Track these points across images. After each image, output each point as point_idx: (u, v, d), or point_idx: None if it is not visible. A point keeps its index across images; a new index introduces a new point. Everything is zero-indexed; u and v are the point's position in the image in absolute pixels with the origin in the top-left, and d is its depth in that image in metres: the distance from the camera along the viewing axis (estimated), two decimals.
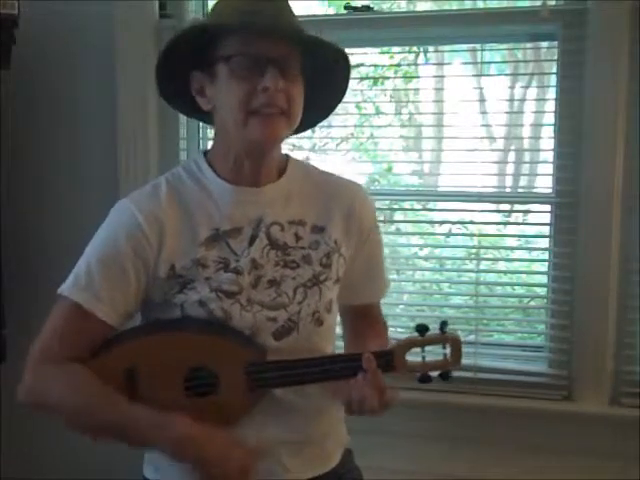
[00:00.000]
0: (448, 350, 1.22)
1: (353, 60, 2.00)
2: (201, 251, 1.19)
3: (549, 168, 1.94)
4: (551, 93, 1.94)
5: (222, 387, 1.17)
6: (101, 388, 1.15)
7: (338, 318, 1.36)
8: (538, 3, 1.83)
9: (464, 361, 1.24)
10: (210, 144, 1.36)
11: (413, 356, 1.21)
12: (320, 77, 1.23)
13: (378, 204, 2.15)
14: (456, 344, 1.23)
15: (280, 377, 1.17)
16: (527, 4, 2.07)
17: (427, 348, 1.23)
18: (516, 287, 2.18)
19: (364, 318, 1.37)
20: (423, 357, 1.21)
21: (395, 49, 2.13)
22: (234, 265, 1.20)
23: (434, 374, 1.22)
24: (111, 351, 1.18)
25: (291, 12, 1.22)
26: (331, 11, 2.20)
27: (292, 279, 1.22)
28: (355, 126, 2.12)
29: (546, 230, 1.97)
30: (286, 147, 1.93)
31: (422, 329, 1.21)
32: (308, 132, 2.04)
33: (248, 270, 1.20)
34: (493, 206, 2.04)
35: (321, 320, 1.23)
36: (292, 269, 1.22)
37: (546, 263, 1.98)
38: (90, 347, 1.18)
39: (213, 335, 1.18)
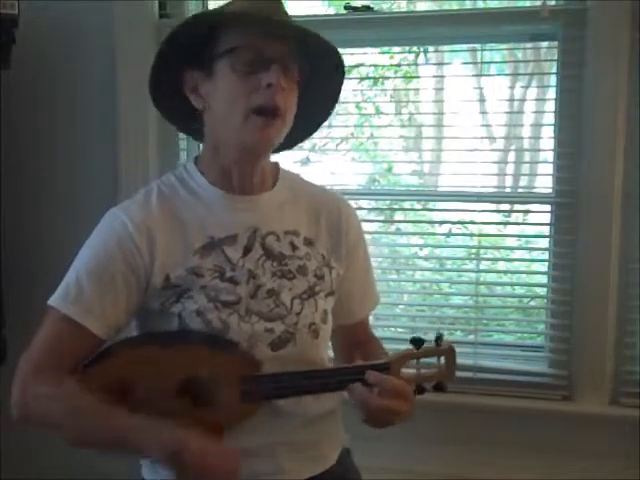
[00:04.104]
0: (443, 362, 1.23)
1: (353, 60, 2.02)
2: (195, 260, 1.17)
3: (549, 168, 1.94)
4: (551, 93, 1.94)
5: (217, 399, 1.14)
6: (98, 405, 1.09)
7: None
8: (538, 3, 1.83)
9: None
10: None
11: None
12: (311, 87, 1.21)
13: (378, 204, 2.16)
14: (451, 356, 1.23)
15: (275, 389, 1.15)
16: (527, 4, 2.07)
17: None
18: (516, 287, 2.18)
19: (357, 336, 1.36)
20: (418, 369, 1.21)
21: (395, 49, 2.12)
22: (230, 274, 1.18)
23: (429, 386, 1.22)
24: (104, 364, 1.15)
25: (288, 14, 1.21)
26: (331, 11, 2.20)
27: (289, 290, 1.20)
28: (355, 126, 2.12)
29: (546, 230, 1.97)
30: None
31: (417, 342, 1.21)
32: None
33: (246, 280, 1.18)
34: (493, 206, 2.04)
35: (317, 332, 1.22)
36: (289, 280, 1.21)
37: (546, 263, 1.98)
38: (80, 360, 1.15)
39: (206, 347, 1.14)
